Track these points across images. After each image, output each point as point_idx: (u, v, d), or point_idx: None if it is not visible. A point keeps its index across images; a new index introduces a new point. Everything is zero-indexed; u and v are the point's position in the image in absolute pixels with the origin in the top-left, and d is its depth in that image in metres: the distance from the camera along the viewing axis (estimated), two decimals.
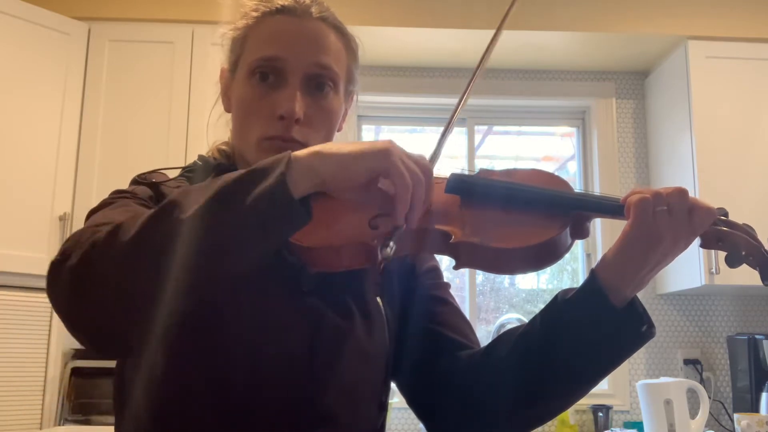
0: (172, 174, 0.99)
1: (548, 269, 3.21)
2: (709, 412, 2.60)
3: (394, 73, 3.05)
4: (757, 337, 2.65)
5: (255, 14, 0.94)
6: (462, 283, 3.06)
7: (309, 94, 0.91)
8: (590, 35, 2.82)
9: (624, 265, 0.79)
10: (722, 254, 0.88)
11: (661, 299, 2.91)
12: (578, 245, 3.09)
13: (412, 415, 2.72)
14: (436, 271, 1.03)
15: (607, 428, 2.69)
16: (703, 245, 0.84)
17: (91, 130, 2.61)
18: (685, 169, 2.73)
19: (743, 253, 0.84)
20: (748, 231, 0.84)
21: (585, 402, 2.78)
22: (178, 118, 2.60)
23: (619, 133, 3.09)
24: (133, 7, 2.72)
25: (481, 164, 3.21)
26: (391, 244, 0.75)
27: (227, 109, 0.98)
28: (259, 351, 0.82)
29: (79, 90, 2.61)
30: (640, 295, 0.84)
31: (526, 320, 2.58)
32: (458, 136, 3.19)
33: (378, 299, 0.93)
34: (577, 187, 3.15)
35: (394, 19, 2.73)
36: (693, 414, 2.52)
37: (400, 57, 2.97)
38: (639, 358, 2.89)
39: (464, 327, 0.99)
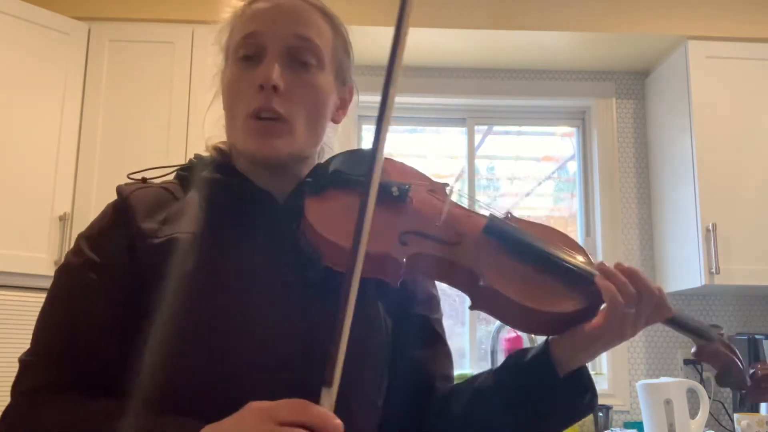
0: (156, 173, 0.99)
1: None
2: (709, 412, 2.60)
3: None
4: (757, 337, 2.65)
5: (240, 3, 0.97)
6: None
7: (291, 68, 0.91)
8: (590, 35, 2.82)
9: (581, 352, 0.85)
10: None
11: None
12: None
13: None
14: (435, 302, 1.03)
15: (607, 428, 2.69)
16: (696, 356, 0.91)
17: (91, 130, 2.61)
18: (685, 169, 2.73)
19: (732, 377, 0.89)
20: (739, 357, 0.89)
21: None
22: (178, 118, 2.60)
23: (619, 133, 3.09)
24: (133, 7, 2.72)
25: (481, 164, 3.21)
26: None
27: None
28: (251, 351, 0.81)
29: (79, 90, 2.61)
30: None
31: None
32: (458, 136, 3.19)
33: (379, 303, 0.92)
34: (577, 187, 3.15)
35: (395, 19, 2.73)
36: (693, 414, 2.52)
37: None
38: (639, 358, 2.89)
39: (448, 369, 1.02)
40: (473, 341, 2.94)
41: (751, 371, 0.89)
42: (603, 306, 0.85)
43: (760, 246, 2.58)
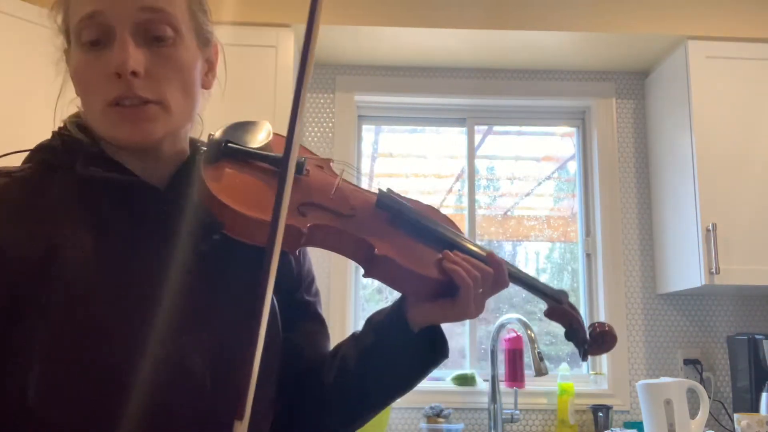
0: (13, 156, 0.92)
1: (548, 269, 3.21)
2: (709, 412, 2.60)
3: (394, 73, 3.05)
4: (757, 337, 2.65)
5: None
6: None
7: (147, 46, 0.82)
8: (590, 35, 2.82)
9: (433, 318, 0.92)
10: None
11: (661, 299, 2.91)
12: (578, 244, 3.09)
13: (413, 415, 2.73)
14: (314, 281, 1.04)
15: (607, 428, 2.69)
16: (547, 315, 1.04)
17: None
18: (685, 169, 2.73)
19: (578, 331, 1.04)
20: (581, 317, 1.05)
21: (585, 402, 2.78)
22: None
23: (619, 133, 3.09)
24: None
25: (481, 164, 3.21)
26: None
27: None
28: (136, 366, 0.76)
29: None
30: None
31: (526, 320, 2.56)
32: (458, 136, 3.19)
33: (273, 297, 0.87)
34: (577, 187, 3.15)
35: (394, 19, 2.73)
36: (693, 414, 2.52)
37: (400, 57, 2.97)
38: (639, 358, 2.89)
39: (329, 348, 1.03)
40: (473, 341, 2.94)
41: (590, 330, 1.05)
42: None
43: (760, 246, 2.58)
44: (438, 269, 0.89)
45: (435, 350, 0.94)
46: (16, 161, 0.93)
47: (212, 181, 0.82)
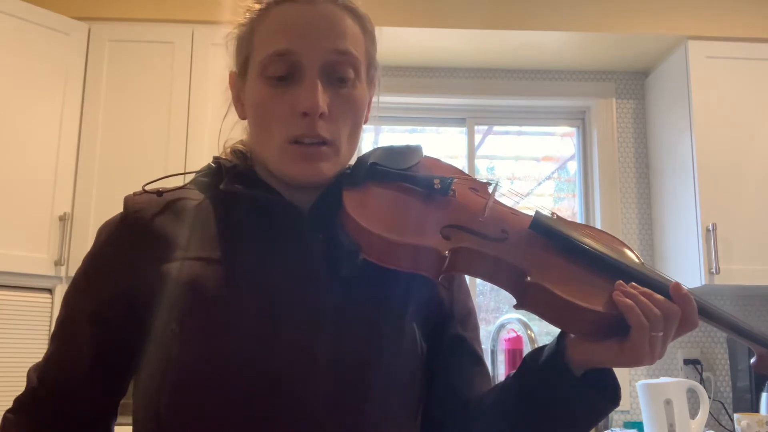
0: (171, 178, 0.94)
1: None
2: (709, 412, 2.60)
3: (395, 73, 3.05)
4: None
5: (259, 6, 0.86)
6: None
7: (330, 86, 0.83)
8: (590, 35, 2.82)
9: (597, 362, 0.79)
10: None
11: None
12: None
13: None
14: (472, 317, 0.96)
15: (607, 428, 2.69)
16: (756, 367, 0.83)
17: (91, 130, 2.61)
18: (685, 169, 2.73)
19: None
20: None
21: None
22: (178, 118, 2.60)
23: (619, 133, 3.09)
24: (133, 7, 2.72)
25: (481, 164, 3.21)
26: None
27: (242, 116, 0.91)
28: (278, 387, 0.75)
29: (79, 90, 2.61)
30: None
31: (526, 320, 2.56)
32: (458, 136, 3.19)
33: (415, 325, 0.85)
34: (577, 187, 3.15)
35: (394, 19, 2.73)
36: (693, 414, 2.52)
37: (401, 57, 2.97)
38: None
39: (486, 389, 0.94)
40: None
41: None
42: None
43: (760, 246, 2.58)
44: (606, 303, 0.75)
45: (604, 396, 0.80)
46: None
47: (352, 203, 0.81)
